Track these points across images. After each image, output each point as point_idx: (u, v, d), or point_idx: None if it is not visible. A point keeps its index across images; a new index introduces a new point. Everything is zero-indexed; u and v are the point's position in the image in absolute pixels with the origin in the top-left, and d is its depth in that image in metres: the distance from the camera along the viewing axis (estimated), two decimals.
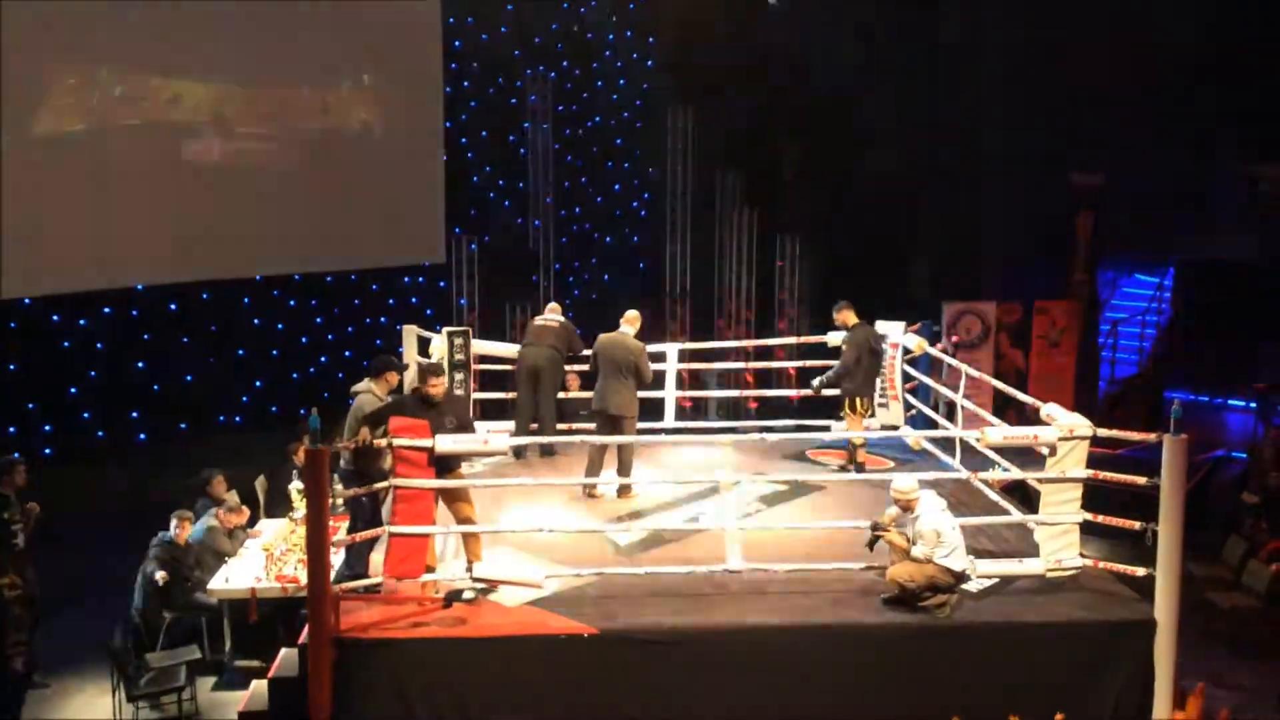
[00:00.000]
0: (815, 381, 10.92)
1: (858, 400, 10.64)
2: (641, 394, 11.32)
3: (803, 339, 14.01)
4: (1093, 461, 8.29)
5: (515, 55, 18.58)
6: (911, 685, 7.72)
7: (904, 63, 18.10)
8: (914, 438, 11.04)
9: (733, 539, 8.58)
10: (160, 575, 9.68)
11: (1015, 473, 9.26)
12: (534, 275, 18.65)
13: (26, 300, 14.12)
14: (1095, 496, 8.38)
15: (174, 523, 10.01)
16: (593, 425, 10.53)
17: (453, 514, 8.39)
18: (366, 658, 7.50)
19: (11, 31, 13.16)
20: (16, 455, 10.06)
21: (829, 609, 7.98)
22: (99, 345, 15.11)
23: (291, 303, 16.95)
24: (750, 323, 18.95)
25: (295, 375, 16.91)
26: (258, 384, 16.60)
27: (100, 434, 15.15)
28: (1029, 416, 9.37)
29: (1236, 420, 16.10)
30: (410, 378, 11.08)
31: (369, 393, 8.36)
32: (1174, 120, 17.54)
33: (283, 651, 8.42)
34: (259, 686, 8.45)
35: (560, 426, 11.11)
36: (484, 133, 18.60)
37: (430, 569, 8.24)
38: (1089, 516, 8.24)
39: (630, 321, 10.49)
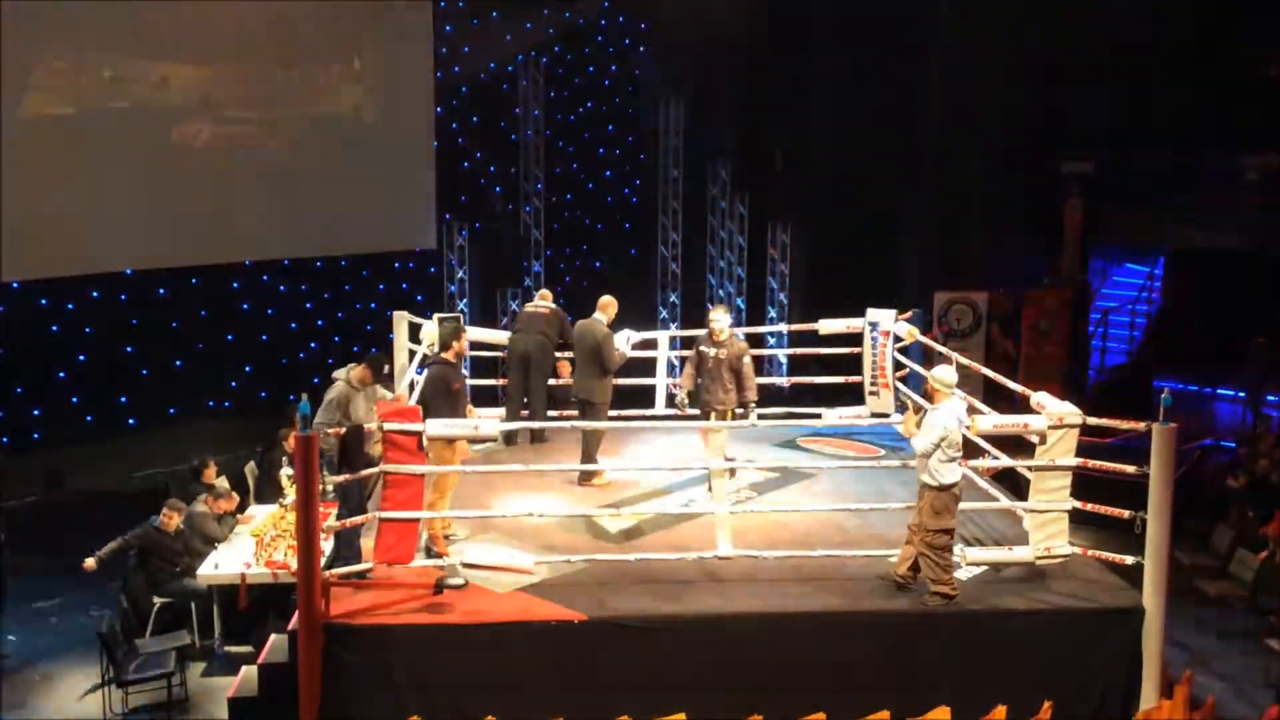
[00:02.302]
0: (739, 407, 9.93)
1: (729, 412, 9.94)
2: (633, 380, 11.35)
3: (793, 327, 14.01)
4: (1082, 450, 8.30)
5: (506, 40, 18.51)
6: (900, 672, 7.75)
7: (895, 51, 18.07)
8: None
9: (723, 526, 8.58)
10: (89, 561, 9.63)
11: (1005, 461, 9.28)
12: (525, 261, 18.63)
13: (15, 284, 14.04)
14: (1084, 485, 8.41)
15: (164, 510, 9.99)
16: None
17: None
18: (356, 643, 7.50)
19: (0, 15, 13.08)
20: None
21: (819, 596, 8.00)
22: (88, 329, 15.04)
23: (281, 288, 16.89)
24: (741, 310, 18.96)
25: (285, 360, 16.85)
26: (247, 369, 16.55)
27: (89, 419, 15.09)
28: (1019, 405, 9.39)
29: (1225, 409, 16.17)
30: (402, 363, 11.09)
31: (344, 381, 8.40)
32: (1163, 109, 17.57)
33: (273, 637, 8.42)
34: (249, 672, 8.45)
35: (551, 413, 11.13)
36: (475, 118, 18.54)
37: (442, 555, 8.31)
38: (1078, 505, 8.27)
39: (602, 308, 10.53)
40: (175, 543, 10.01)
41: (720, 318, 9.96)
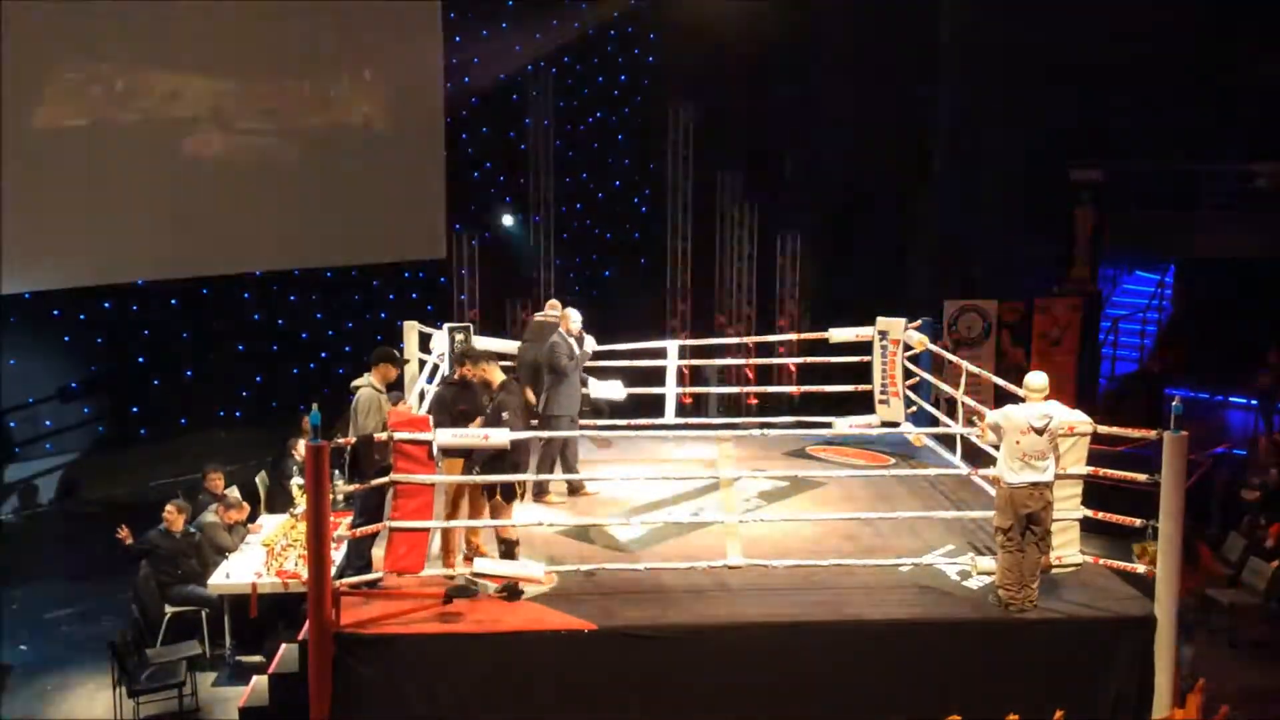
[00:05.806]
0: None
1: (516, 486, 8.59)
2: (643, 390, 11.33)
3: (803, 335, 14.00)
4: (1093, 458, 8.29)
5: (516, 50, 18.56)
6: (911, 681, 7.73)
7: (904, 58, 18.08)
8: (915, 434, 11.02)
9: (733, 535, 8.57)
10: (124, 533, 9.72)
11: None
12: (534, 271, 18.64)
13: (27, 294, 14.10)
14: (1096, 493, 8.39)
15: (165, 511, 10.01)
16: (598, 420, 10.63)
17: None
18: (367, 653, 7.50)
19: (12, 26, 13.15)
20: None
21: (829, 605, 7.99)
22: (99, 340, 15.10)
23: (292, 298, 16.93)
24: (751, 319, 18.95)
25: (295, 370, 16.89)
26: (258, 379, 16.58)
27: (100, 429, 15.14)
28: None
29: (1237, 417, 16.10)
30: (412, 371, 11.11)
31: (369, 386, 8.38)
32: (1174, 116, 17.54)
33: (283, 647, 8.44)
34: (259, 682, 8.47)
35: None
36: (485, 129, 18.57)
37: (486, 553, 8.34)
38: (1089, 513, 8.25)
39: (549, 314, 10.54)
40: (180, 544, 9.98)
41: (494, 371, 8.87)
